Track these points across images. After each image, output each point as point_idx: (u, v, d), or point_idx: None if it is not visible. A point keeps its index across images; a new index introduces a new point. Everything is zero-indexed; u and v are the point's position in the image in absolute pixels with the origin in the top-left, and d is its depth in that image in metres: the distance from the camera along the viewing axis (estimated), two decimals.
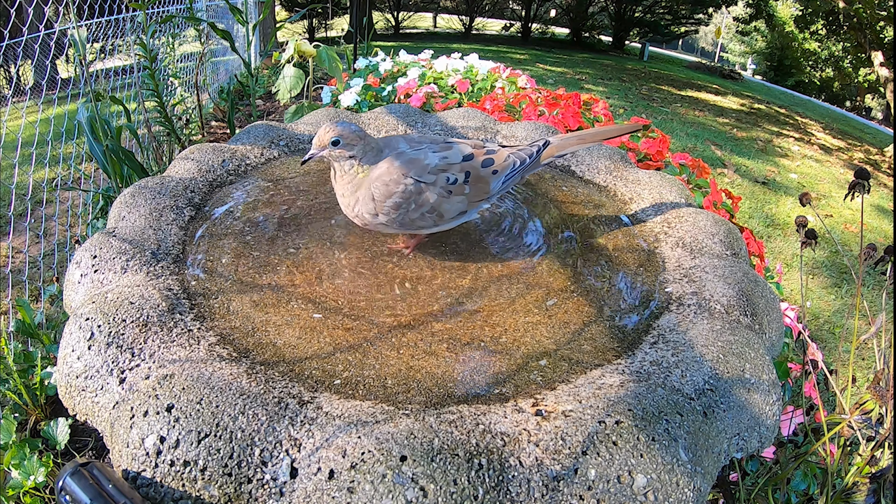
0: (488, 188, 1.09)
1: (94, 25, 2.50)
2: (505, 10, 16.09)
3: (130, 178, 2.04)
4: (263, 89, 4.11)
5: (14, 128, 2.77)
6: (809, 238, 1.22)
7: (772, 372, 0.85)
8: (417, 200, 1.04)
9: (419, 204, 1.04)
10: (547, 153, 1.15)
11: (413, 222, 1.06)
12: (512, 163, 1.11)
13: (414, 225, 1.07)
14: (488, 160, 1.10)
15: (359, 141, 1.04)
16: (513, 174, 1.12)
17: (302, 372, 0.82)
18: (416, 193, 1.04)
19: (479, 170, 1.09)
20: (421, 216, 1.05)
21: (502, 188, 1.11)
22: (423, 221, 1.07)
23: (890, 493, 0.98)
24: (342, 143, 1.03)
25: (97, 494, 0.64)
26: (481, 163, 1.09)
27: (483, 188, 1.09)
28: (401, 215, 1.04)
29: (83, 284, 0.95)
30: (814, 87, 16.46)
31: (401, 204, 1.04)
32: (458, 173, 1.07)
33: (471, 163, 1.08)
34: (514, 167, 1.11)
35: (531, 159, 1.13)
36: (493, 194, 1.11)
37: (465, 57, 3.48)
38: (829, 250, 3.69)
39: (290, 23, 7.71)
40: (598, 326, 0.97)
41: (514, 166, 1.11)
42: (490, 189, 1.09)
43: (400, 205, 1.04)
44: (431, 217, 1.06)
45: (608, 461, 0.66)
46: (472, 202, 1.09)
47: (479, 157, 1.10)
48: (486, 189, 1.09)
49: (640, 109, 6.56)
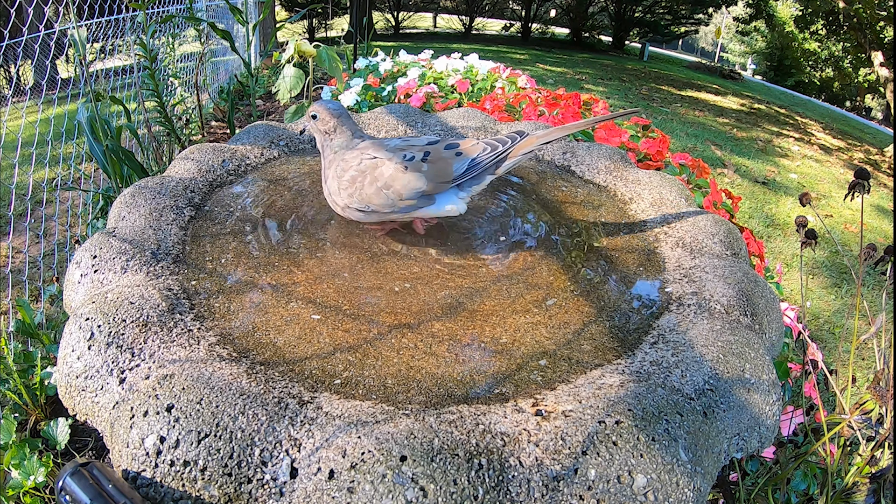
0: (450, 170, 1.08)
1: (94, 25, 2.50)
2: (505, 10, 16.09)
3: (130, 178, 2.04)
4: (263, 89, 4.11)
5: (14, 128, 2.77)
6: (809, 238, 1.22)
7: (772, 372, 0.85)
8: (372, 174, 1.07)
9: (374, 178, 1.07)
10: (525, 143, 1.11)
11: (370, 199, 1.08)
12: (481, 148, 1.10)
13: (372, 203, 1.08)
14: (452, 144, 1.10)
15: (332, 119, 1.12)
16: (481, 160, 1.09)
17: (302, 372, 0.82)
18: (372, 168, 1.07)
19: (440, 151, 1.09)
20: (376, 191, 1.07)
21: (470, 173, 1.09)
22: (379, 198, 1.07)
23: (890, 493, 0.98)
24: (318, 118, 1.13)
25: (97, 494, 0.64)
26: (444, 146, 1.10)
27: (444, 169, 1.07)
28: (356, 190, 1.08)
29: (83, 284, 0.95)
30: (814, 87, 16.46)
31: (356, 177, 1.08)
32: (417, 152, 1.08)
33: (434, 146, 1.10)
34: (482, 152, 1.09)
35: (504, 147, 1.10)
36: (457, 177, 1.08)
37: (465, 57, 3.48)
38: (829, 250, 3.69)
39: (290, 23, 7.70)
40: (598, 326, 0.97)
41: (483, 151, 1.09)
42: (452, 171, 1.08)
43: (355, 178, 1.08)
44: (388, 195, 1.07)
45: (608, 461, 0.66)
46: (434, 183, 1.07)
47: (444, 142, 1.11)
48: (448, 170, 1.07)
49: (641, 109, 6.56)
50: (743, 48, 20.28)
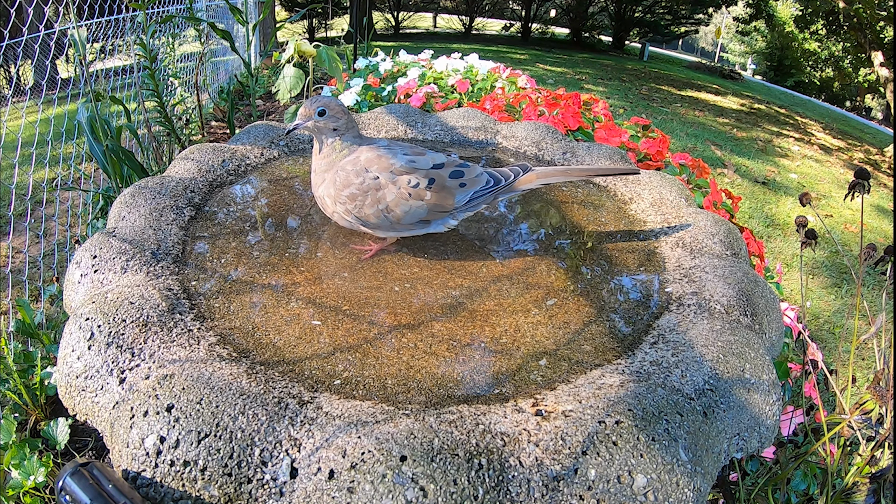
0: (452, 200, 1.06)
1: (94, 25, 2.50)
2: (505, 10, 16.10)
3: (130, 178, 2.04)
4: (263, 89, 4.11)
5: (14, 128, 2.77)
6: (809, 238, 1.22)
7: (772, 372, 0.85)
8: (374, 196, 1.04)
9: (375, 200, 1.04)
10: (525, 179, 1.10)
11: (367, 218, 1.05)
12: (485, 180, 1.08)
13: (369, 222, 1.06)
14: (458, 172, 1.08)
15: (343, 115, 1.06)
16: (483, 192, 1.08)
17: (302, 372, 0.82)
18: (374, 189, 1.04)
19: (445, 179, 1.06)
20: (375, 213, 1.04)
21: (469, 204, 1.08)
22: (377, 219, 1.05)
23: (890, 493, 0.98)
24: (328, 115, 1.05)
25: (97, 494, 0.64)
26: (450, 173, 1.07)
27: (447, 199, 1.06)
28: (356, 207, 1.05)
29: (83, 284, 0.95)
30: (814, 87, 16.47)
31: (356, 195, 1.04)
32: (422, 178, 1.05)
33: (438, 171, 1.06)
34: (486, 185, 1.08)
35: (506, 181, 1.09)
36: (457, 207, 1.07)
37: (465, 57, 3.48)
38: (829, 250, 3.69)
39: (290, 23, 7.71)
40: (598, 326, 0.97)
41: (486, 184, 1.08)
42: (454, 201, 1.06)
43: (356, 196, 1.04)
44: (386, 217, 1.05)
45: (608, 461, 0.66)
46: (433, 212, 1.06)
47: (450, 168, 1.08)
48: (450, 201, 1.06)
49: (640, 109, 6.57)
50: (743, 48, 20.29)
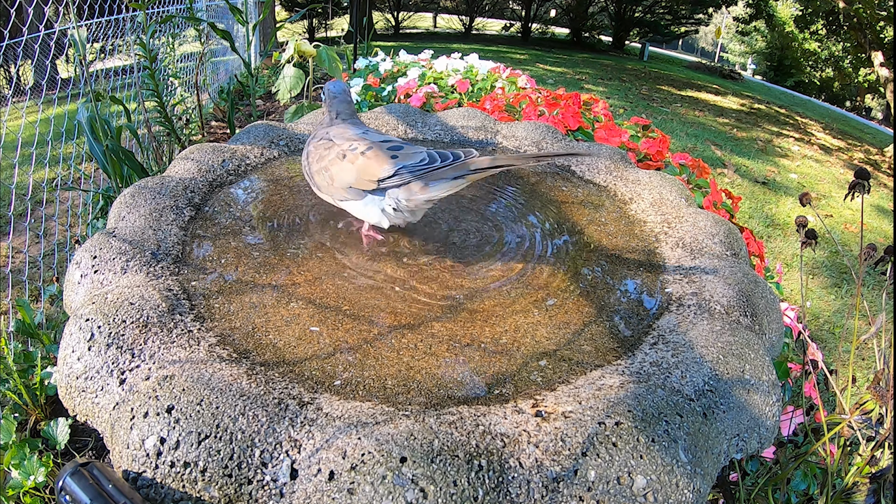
0: (379, 170, 1.04)
1: (94, 25, 2.50)
2: (505, 10, 16.09)
3: (130, 178, 2.04)
4: (263, 89, 4.11)
5: (14, 128, 2.77)
6: (809, 238, 1.22)
7: (772, 372, 0.85)
8: (322, 154, 1.13)
9: (320, 157, 1.13)
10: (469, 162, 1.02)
11: (313, 176, 1.15)
12: (419, 158, 1.04)
13: (315, 182, 1.16)
14: (397, 146, 1.08)
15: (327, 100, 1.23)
16: (417, 168, 1.03)
17: (302, 373, 0.82)
18: (325, 147, 1.13)
19: (381, 149, 1.07)
20: (319, 171, 1.13)
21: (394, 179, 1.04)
22: (320, 177, 1.14)
23: (890, 493, 0.98)
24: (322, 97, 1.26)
25: (97, 494, 0.64)
26: (388, 147, 1.08)
27: (374, 168, 1.05)
28: (309, 165, 1.16)
29: (83, 285, 0.95)
30: (814, 87, 16.46)
31: (310, 152, 1.16)
32: (362, 145, 1.09)
33: (380, 143, 1.10)
34: (419, 162, 1.04)
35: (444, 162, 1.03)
36: (382, 179, 1.04)
37: (465, 57, 3.48)
38: (829, 250, 3.69)
39: (290, 23, 7.70)
40: (598, 327, 0.97)
41: (420, 161, 1.04)
42: (381, 172, 1.04)
43: (310, 153, 1.16)
44: (325, 177, 1.12)
45: (608, 462, 0.66)
46: (360, 179, 1.06)
47: (393, 143, 1.10)
48: (376, 170, 1.05)
49: (640, 109, 6.57)
50: (743, 48, 20.28)
